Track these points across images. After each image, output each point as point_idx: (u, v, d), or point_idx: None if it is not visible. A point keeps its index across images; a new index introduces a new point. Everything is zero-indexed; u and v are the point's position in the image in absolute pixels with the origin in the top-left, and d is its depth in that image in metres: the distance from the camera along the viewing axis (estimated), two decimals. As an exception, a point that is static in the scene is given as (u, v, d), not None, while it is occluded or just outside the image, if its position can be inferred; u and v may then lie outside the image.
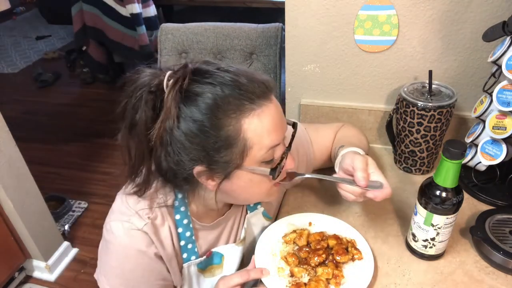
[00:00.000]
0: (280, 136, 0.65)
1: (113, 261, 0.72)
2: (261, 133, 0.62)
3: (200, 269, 0.81)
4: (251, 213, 0.87)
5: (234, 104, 0.60)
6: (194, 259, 0.78)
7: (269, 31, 1.27)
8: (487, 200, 0.94)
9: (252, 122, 0.61)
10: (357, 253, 0.79)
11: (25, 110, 3.33)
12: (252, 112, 0.61)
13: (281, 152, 0.67)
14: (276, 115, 0.64)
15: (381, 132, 1.15)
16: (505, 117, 0.86)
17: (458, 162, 0.69)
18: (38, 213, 1.80)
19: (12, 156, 1.63)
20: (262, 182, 0.68)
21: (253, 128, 0.61)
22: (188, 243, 0.77)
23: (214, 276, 0.83)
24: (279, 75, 1.31)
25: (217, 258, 0.82)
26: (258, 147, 0.63)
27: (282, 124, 0.66)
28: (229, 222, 0.84)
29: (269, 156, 0.65)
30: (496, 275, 0.78)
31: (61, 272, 1.94)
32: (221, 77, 0.61)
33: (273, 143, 0.64)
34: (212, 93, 0.60)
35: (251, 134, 0.62)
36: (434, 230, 0.76)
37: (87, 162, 2.61)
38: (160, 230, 0.72)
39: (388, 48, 1.04)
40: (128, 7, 2.90)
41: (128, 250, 0.70)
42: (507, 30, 0.81)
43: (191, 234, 0.76)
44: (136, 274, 0.73)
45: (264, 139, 0.63)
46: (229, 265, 0.84)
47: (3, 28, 5.05)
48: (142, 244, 0.70)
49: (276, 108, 0.65)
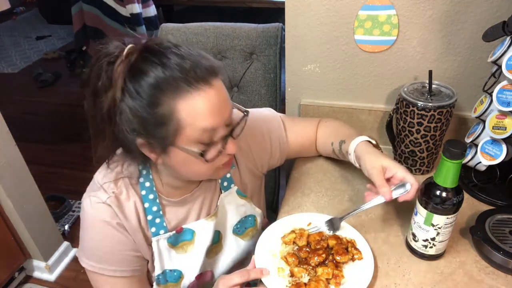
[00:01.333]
0: (217, 121, 0.67)
1: (85, 235, 0.79)
2: (195, 115, 0.65)
3: (171, 244, 0.83)
4: (225, 192, 0.89)
5: (172, 86, 0.63)
6: (163, 233, 0.81)
7: (269, 31, 1.27)
8: (487, 200, 0.94)
9: (187, 104, 0.64)
10: (357, 253, 0.79)
11: (25, 110, 3.33)
12: (188, 95, 0.64)
13: (221, 135, 0.70)
14: (215, 100, 0.66)
15: (381, 132, 1.15)
16: (505, 117, 0.86)
17: (458, 162, 0.69)
18: (38, 213, 1.80)
19: (12, 156, 1.63)
20: (198, 162, 0.70)
21: (187, 110, 0.64)
22: (155, 218, 0.80)
23: (186, 253, 0.85)
24: (279, 75, 1.31)
25: (189, 235, 0.84)
26: (191, 128, 0.66)
27: (221, 109, 0.68)
28: (198, 199, 0.85)
29: (206, 138, 0.67)
30: (496, 275, 0.78)
31: (61, 272, 1.94)
32: (167, 58, 0.64)
33: (208, 126, 0.66)
34: (154, 72, 0.63)
35: (184, 115, 0.65)
36: (434, 230, 0.76)
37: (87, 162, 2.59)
38: (124, 204, 0.77)
39: (388, 48, 1.04)
40: (128, 7, 2.90)
41: (94, 222, 0.76)
42: (507, 30, 0.81)
43: (158, 209, 0.80)
44: (105, 244, 0.78)
45: (199, 121, 0.65)
46: (200, 241, 0.85)
47: (3, 28, 5.05)
48: (106, 215, 0.75)
49: (216, 93, 0.67)
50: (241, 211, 0.92)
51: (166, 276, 0.85)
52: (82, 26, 3.16)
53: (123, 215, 0.77)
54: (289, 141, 0.97)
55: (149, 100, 0.64)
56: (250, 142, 0.91)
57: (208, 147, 0.69)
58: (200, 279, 0.88)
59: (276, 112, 1.00)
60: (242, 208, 0.92)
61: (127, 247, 0.79)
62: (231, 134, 0.71)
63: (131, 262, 0.81)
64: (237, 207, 0.91)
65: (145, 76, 0.64)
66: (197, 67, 0.65)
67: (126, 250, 0.79)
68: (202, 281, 0.89)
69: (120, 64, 0.65)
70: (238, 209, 0.91)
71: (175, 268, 0.85)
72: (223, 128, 0.70)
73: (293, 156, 1.04)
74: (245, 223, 0.93)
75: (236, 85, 1.36)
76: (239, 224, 0.92)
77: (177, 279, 0.86)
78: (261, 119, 0.94)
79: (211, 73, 0.67)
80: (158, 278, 0.85)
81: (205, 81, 0.66)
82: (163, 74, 0.64)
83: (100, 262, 0.79)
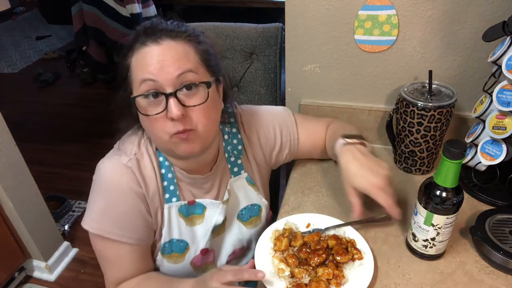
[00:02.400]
0: (155, 74, 0.71)
1: (98, 198, 0.80)
2: (138, 66, 0.73)
3: (181, 214, 0.85)
4: (234, 177, 0.92)
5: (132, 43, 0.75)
6: (175, 201, 0.84)
7: (269, 31, 1.27)
8: (487, 200, 0.94)
9: (136, 57, 0.74)
10: (357, 253, 0.79)
11: (25, 110, 3.33)
12: (137, 50, 0.73)
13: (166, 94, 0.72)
14: (158, 56, 0.71)
15: (381, 132, 1.15)
16: (505, 117, 0.86)
17: (458, 162, 0.69)
18: (38, 213, 1.80)
19: (12, 156, 1.63)
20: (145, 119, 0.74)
21: (134, 62, 0.74)
22: (170, 185, 0.83)
23: (195, 225, 0.87)
24: (279, 75, 1.31)
25: (200, 209, 0.87)
26: (136, 79, 0.73)
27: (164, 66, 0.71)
28: (208, 183, 0.88)
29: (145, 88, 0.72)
30: (496, 275, 0.78)
31: (61, 272, 1.94)
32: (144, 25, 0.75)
33: (145, 76, 0.71)
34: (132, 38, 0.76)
35: (133, 67, 0.74)
36: (434, 230, 0.76)
37: (87, 162, 2.59)
38: (143, 166, 0.80)
39: (388, 48, 1.04)
40: (128, 7, 2.91)
41: (111, 185, 0.78)
42: (507, 30, 0.81)
43: (173, 176, 0.84)
44: (119, 209, 0.79)
45: (140, 72, 0.72)
46: (209, 218, 0.87)
47: (3, 28, 5.05)
48: (125, 179, 0.78)
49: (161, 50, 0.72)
50: (249, 198, 0.94)
51: (172, 246, 0.86)
52: (82, 26, 3.16)
53: (142, 178, 0.79)
54: (300, 139, 0.98)
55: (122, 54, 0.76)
56: (260, 135, 0.94)
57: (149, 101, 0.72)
58: (205, 255, 0.88)
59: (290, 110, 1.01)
60: (250, 195, 0.94)
61: (140, 214, 0.80)
62: (174, 94, 0.71)
63: (139, 231, 0.81)
64: (245, 193, 0.93)
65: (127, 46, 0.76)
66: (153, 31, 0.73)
67: (138, 218, 0.80)
68: (206, 259, 0.90)
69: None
70: (246, 195, 0.93)
71: (182, 239, 0.86)
72: (168, 87, 0.72)
73: (305, 155, 1.04)
74: (250, 211, 0.94)
75: (236, 85, 1.36)
76: (245, 211, 0.94)
77: (182, 250, 0.87)
78: (273, 114, 0.97)
79: (164, 35, 0.73)
80: (164, 246, 0.86)
81: (153, 40, 0.72)
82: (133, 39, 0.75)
83: (109, 226, 0.79)
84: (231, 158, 0.91)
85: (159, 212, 0.83)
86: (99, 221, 0.79)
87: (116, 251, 0.82)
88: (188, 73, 0.73)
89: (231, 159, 0.91)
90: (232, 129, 0.91)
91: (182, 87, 0.72)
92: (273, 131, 0.95)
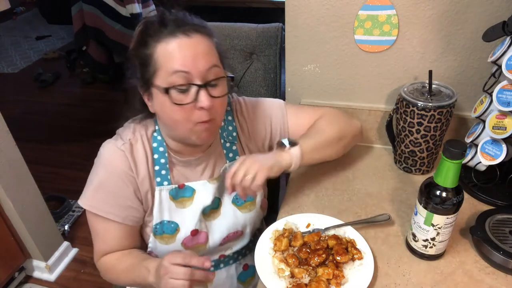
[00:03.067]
0: (188, 66, 0.75)
1: (93, 176, 0.87)
2: (168, 57, 0.75)
3: (172, 197, 0.90)
4: (230, 162, 0.95)
5: (156, 32, 0.76)
6: (167, 185, 0.89)
7: (269, 31, 1.27)
8: (487, 200, 0.94)
9: (163, 47, 0.75)
10: (357, 253, 0.79)
11: (25, 110, 3.33)
12: (165, 40, 0.75)
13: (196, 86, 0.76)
14: (190, 49, 0.76)
15: (381, 132, 1.15)
16: (505, 117, 0.86)
17: (458, 162, 0.69)
18: (38, 213, 1.80)
19: (12, 156, 1.63)
20: (172, 108, 0.77)
21: (162, 52, 0.75)
22: (162, 169, 0.88)
23: (184, 208, 0.91)
24: (279, 75, 1.31)
25: (189, 192, 0.91)
26: (165, 69, 0.75)
27: (195, 59, 0.76)
28: (202, 164, 0.92)
29: (178, 79, 0.75)
30: (496, 275, 0.78)
31: (61, 272, 1.94)
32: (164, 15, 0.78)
33: (178, 68, 0.74)
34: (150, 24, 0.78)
35: (160, 57, 0.76)
36: (434, 230, 0.76)
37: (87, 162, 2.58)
38: (137, 151, 0.86)
39: (388, 48, 1.04)
40: (128, 7, 2.90)
41: (105, 165, 0.86)
42: (507, 30, 0.81)
43: (165, 161, 0.88)
44: (108, 188, 0.86)
45: (170, 63, 0.75)
46: (199, 200, 0.91)
47: (3, 28, 5.05)
48: (118, 161, 0.85)
49: (192, 43, 0.76)
50: None
51: (163, 227, 0.91)
52: (82, 26, 3.16)
53: (133, 161, 0.85)
54: (290, 131, 1.00)
55: (141, 43, 0.78)
56: (252, 124, 0.98)
57: (180, 93, 0.76)
58: (195, 236, 0.92)
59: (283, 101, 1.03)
60: None
61: (128, 195, 0.86)
62: (205, 87, 0.77)
63: (125, 210, 0.87)
64: None
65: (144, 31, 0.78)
66: (182, 23, 0.77)
67: (125, 198, 0.87)
68: (197, 240, 0.93)
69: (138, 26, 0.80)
70: None
71: (172, 220, 0.91)
72: (199, 78, 0.76)
73: None
74: None
75: (236, 85, 1.36)
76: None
77: (173, 231, 0.91)
78: (266, 104, 1.00)
79: (193, 29, 0.77)
80: (156, 228, 0.90)
81: (184, 33, 0.76)
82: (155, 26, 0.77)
83: (98, 203, 0.86)
84: (226, 144, 0.95)
85: (149, 194, 0.89)
86: (91, 199, 0.87)
87: (103, 225, 0.89)
88: (215, 67, 0.79)
89: (226, 145, 0.95)
90: (227, 116, 0.95)
91: (211, 80, 0.78)
92: (264, 121, 0.98)
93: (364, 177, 1.06)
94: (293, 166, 0.89)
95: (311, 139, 0.94)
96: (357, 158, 1.13)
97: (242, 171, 0.82)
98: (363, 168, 1.09)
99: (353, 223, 0.88)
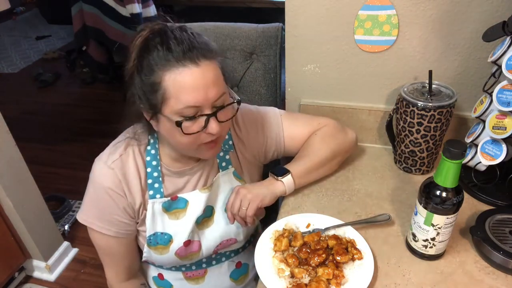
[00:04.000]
0: (200, 98, 0.74)
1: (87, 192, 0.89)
2: (178, 88, 0.73)
3: (165, 209, 0.91)
4: (222, 171, 0.95)
5: (163, 59, 0.73)
6: (159, 198, 0.90)
7: (269, 31, 1.27)
8: (487, 200, 0.94)
9: (172, 76, 0.73)
10: (357, 253, 0.79)
11: (25, 110, 3.33)
12: (174, 69, 0.73)
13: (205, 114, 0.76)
14: (200, 78, 0.74)
15: (381, 132, 1.15)
16: (505, 117, 0.86)
17: (458, 162, 0.69)
18: (38, 213, 1.80)
19: (12, 156, 1.63)
20: (179, 134, 0.77)
21: (172, 81, 0.73)
22: (154, 182, 0.89)
23: (178, 219, 0.92)
24: (279, 75, 1.31)
25: (182, 203, 0.92)
26: (175, 100, 0.74)
27: (206, 88, 0.74)
28: (196, 174, 0.93)
29: (188, 112, 0.75)
30: (496, 275, 0.78)
31: (61, 272, 1.94)
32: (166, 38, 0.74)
33: (191, 101, 0.74)
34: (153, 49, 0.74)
35: (170, 86, 0.73)
36: (434, 230, 0.76)
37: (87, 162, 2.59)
38: (128, 166, 0.87)
39: (388, 48, 1.04)
40: (128, 7, 2.90)
41: (95, 184, 0.87)
42: (507, 30, 0.81)
43: (158, 175, 0.89)
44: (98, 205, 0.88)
45: (182, 95, 0.73)
46: (192, 210, 0.92)
47: (3, 28, 5.05)
48: (106, 181, 0.85)
49: (201, 72, 0.74)
50: None
51: (157, 238, 0.92)
52: (82, 26, 3.16)
53: (124, 178, 0.87)
54: (285, 139, 1.01)
55: (146, 70, 0.75)
56: (247, 133, 0.98)
57: (190, 121, 0.76)
58: (188, 246, 0.93)
59: (279, 110, 1.04)
60: None
61: (117, 211, 0.88)
62: (215, 115, 0.77)
63: (116, 225, 0.90)
64: (231, 187, 0.96)
65: (148, 52, 0.74)
66: (189, 48, 0.74)
67: (115, 214, 0.88)
68: (190, 249, 0.94)
69: (137, 40, 0.77)
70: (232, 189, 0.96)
71: (165, 232, 0.92)
72: (208, 108, 0.76)
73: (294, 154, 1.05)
74: None
75: (236, 85, 1.36)
76: None
77: (166, 242, 0.92)
78: (261, 113, 1.01)
79: (201, 55, 0.74)
80: (150, 239, 0.92)
81: (192, 60, 0.73)
82: (160, 52, 0.73)
83: (92, 218, 0.89)
84: (221, 153, 0.95)
85: (142, 208, 0.90)
86: (86, 213, 0.90)
87: (99, 239, 0.92)
88: (223, 95, 0.78)
89: (220, 154, 0.96)
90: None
91: (220, 108, 0.78)
92: (258, 129, 0.99)
93: (364, 177, 1.06)
94: (287, 192, 0.94)
95: (302, 163, 0.97)
96: (357, 158, 1.13)
97: (238, 202, 0.88)
98: (363, 168, 1.10)
99: (353, 223, 0.88)
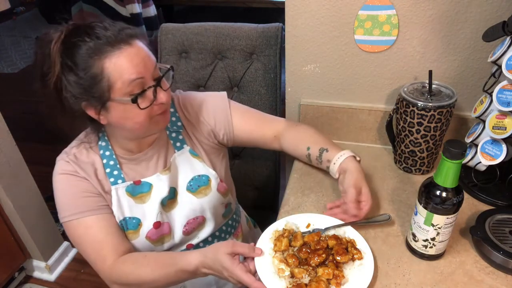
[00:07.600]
0: (141, 72, 0.79)
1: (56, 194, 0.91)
2: (121, 70, 0.77)
3: (129, 194, 0.93)
4: (178, 151, 0.98)
5: (98, 50, 0.77)
6: (121, 183, 0.92)
7: (269, 31, 1.27)
8: (487, 200, 0.94)
9: (112, 61, 0.77)
10: (357, 253, 0.79)
11: (25, 110, 3.33)
12: (112, 54, 0.77)
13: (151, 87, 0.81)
14: (137, 56, 0.79)
15: (381, 132, 1.15)
16: (505, 117, 0.86)
17: (458, 162, 0.69)
18: (38, 213, 1.80)
19: (12, 156, 1.63)
20: (135, 112, 0.81)
21: (113, 66, 0.77)
22: (113, 170, 0.93)
23: (144, 203, 0.94)
24: (279, 75, 1.31)
25: (146, 187, 0.95)
26: (121, 81, 0.78)
27: (144, 63, 0.80)
28: (153, 158, 0.96)
29: (135, 89, 0.79)
30: (496, 275, 0.78)
31: (61, 272, 1.94)
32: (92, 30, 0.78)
33: (132, 77, 0.78)
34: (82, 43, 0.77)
35: (112, 71, 0.77)
36: (434, 230, 0.76)
37: (87, 162, 2.60)
38: (83, 162, 0.91)
39: (388, 48, 1.04)
40: (128, 7, 2.90)
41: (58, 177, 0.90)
42: (507, 30, 0.81)
43: (114, 163, 0.93)
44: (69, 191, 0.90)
45: (125, 75, 0.77)
46: (156, 192, 0.95)
47: (3, 28, 5.05)
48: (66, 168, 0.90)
49: (136, 50, 0.80)
50: (195, 169, 0.99)
51: (126, 223, 0.93)
52: (82, 26, 3.16)
53: (81, 168, 0.90)
54: (234, 123, 1.02)
55: (82, 66, 0.77)
56: (195, 115, 1.01)
57: (141, 98, 0.80)
58: (158, 228, 0.95)
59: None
60: (195, 167, 0.99)
61: (88, 189, 0.90)
62: (159, 85, 0.83)
63: (94, 201, 0.90)
64: (190, 165, 0.98)
65: (76, 48, 0.77)
66: (118, 33, 0.79)
67: (87, 192, 0.90)
68: (161, 231, 0.96)
69: (55, 44, 0.78)
70: (191, 167, 0.99)
71: (134, 216, 0.94)
72: (151, 80, 0.82)
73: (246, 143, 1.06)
74: (198, 181, 0.98)
75: (236, 85, 1.36)
76: (192, 181, 0.98)
77: (135, 226, 0.94)
78: (209, 96, 1.04)
79: (130, 36, 0.80)
80: (121, 225, 0.93)
81: (125, 42, 0.78)
82: (90, 43, 0.77)
83: (69, 210, 0.89)
84: (172, 134, 0.98)
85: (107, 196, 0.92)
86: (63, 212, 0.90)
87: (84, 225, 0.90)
88: (157, 66, 0.84)
89: (173, 135, 0.98)
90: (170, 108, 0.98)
91: (161, 76, 0.84)
92: (210, 111, 1.01)
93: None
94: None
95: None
96: (357, 158, 1.13)
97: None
98: (363, 168, 1.09)
99: (353, 223, 0.88)
